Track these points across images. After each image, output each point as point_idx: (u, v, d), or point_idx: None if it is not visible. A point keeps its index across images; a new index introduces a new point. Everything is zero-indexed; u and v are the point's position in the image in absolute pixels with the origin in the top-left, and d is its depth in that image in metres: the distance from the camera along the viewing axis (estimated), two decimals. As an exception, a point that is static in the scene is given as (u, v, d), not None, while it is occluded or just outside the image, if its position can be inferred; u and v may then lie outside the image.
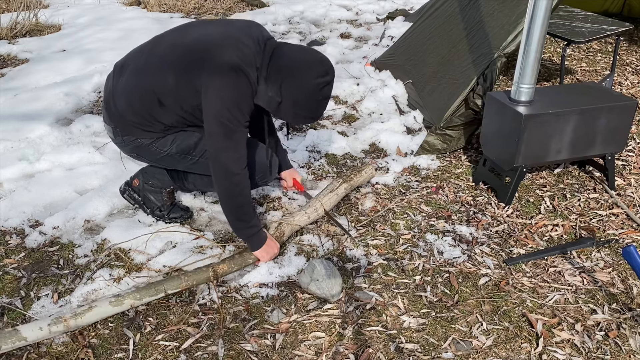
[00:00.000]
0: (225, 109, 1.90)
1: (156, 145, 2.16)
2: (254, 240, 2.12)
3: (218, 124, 1.92)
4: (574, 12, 3.79)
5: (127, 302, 1.92)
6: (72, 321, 1.82)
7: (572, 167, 2.85)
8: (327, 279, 2.01)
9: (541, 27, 2.26)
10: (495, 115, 2.55)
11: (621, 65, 4.15)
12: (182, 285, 2.00)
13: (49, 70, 4.05)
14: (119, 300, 1.91)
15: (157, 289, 1.97)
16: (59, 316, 1.82)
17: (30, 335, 1.77)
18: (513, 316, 1.95)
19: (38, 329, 1.78)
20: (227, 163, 1.97)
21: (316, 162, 2.91)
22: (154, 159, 2.25)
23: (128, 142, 2.17)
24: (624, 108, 2.51)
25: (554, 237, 2.36)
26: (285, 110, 2.01)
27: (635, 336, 1.86)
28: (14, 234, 2.35)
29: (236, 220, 2.10)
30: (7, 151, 2.94)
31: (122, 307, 1.91)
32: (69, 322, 1.82)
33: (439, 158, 2.95)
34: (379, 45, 4.53)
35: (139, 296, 1.94)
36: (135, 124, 2.10)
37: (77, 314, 1.84)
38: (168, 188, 2.39)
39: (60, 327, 1.80)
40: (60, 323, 1.80)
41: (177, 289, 2.00)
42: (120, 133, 2.15)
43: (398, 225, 2.43)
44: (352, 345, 1.83)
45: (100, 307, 1.88)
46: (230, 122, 1.91)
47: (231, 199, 2.05)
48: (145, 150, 2.18)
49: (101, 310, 1.88)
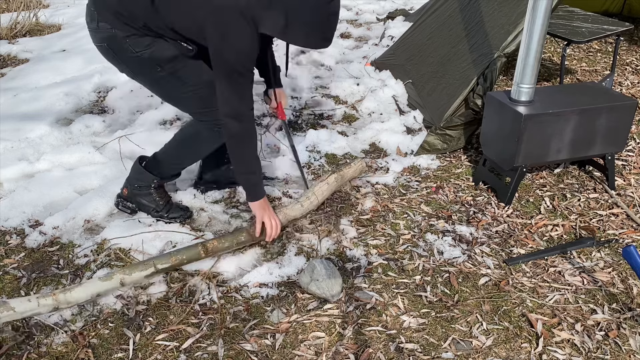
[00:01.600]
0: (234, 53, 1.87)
1: (129, 43, 2.02)
2: (251, 188, 2.14)
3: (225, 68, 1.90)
4: (574, 12, 3.79)
5: (117, 277, 1.94)
6: (61, 295, 1.83)
7: (572, 167, 2.85)
8: (327, 279, 2.01)
9: (541, 27, 2.26)
10: (495, 115, 2.55)
11: (621, 65, 4.15)
12: (172, 260, 2.03)
13: (49, 70, 4.05)
14: (109, 276, 1.93)
15: (146, 264, 1.99)
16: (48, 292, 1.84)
17: (18, 306, 1.79)
18: (513, 316, 1.95)
19: (27, 301, 1.80)
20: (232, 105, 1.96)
21: (316, 162, 2.91)
22: (122, 60, 2.11)
23: (102, 30, 2.04)
24: (624, 108, 2.51)
25: (554, 237, 2.36)
26: (293, 34, 1.88)
27: (635, 336, 1.86)
28: (14, 234, 2.35)
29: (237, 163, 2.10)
30: (7, 151, 2.94)
31: (111, 282, 1.93)
32: (58, 296, 1.83)
33: (439, 158, 2.95)
34: (379, 45, 4.53)
35: (129, 271, 1.96)
36: (116, 13, 1.99)
37: (66, 288, 1.86)
38: (153, 184, 2.35)
39: (49, 300, 1.82)
40: (49, 297, 1.82)
41: (166, 264, 2.02)
42: (97, 18, 2.03)
43: (398, 225, 2.43)
44: (352, 345, 1.83)
45: (90, 282, 1.90)
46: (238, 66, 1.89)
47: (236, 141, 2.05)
48: (116, 44, 2.04)
49: (90, 286, 1.89)
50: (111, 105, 3.53)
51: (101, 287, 1.92)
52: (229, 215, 2.48)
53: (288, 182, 2.74)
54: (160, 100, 3.54)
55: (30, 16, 5.12)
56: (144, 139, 3.01)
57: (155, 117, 3.32)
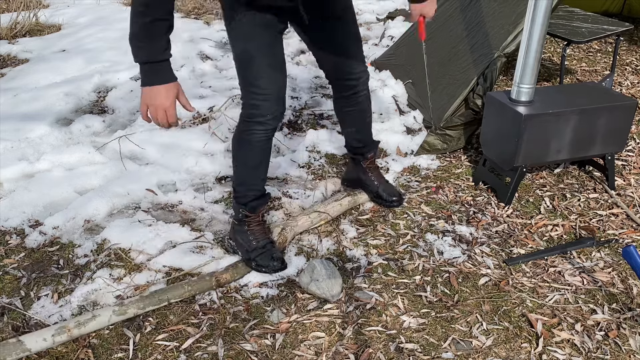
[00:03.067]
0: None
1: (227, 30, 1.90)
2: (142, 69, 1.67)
3: None
4: (574, 12, 3.78)
5: (131, 311, 1.92)
6: (75, 330, 1.83)
7: (572, 167, 2.85)
8: (327, 279, 2.01)
9: (541, 27, 2.26)
10: (495, 115, 2.55)
11: (621, 65, 4.15)
12: (185, 294, 2.01)
13: (49, 70, 4.05)
14: (122, 309, 1.91)
15: (161, 299, 1.98)
16: (62, 326, 1.82)
17: (34, 346, 1.78)
18: (513, 316, 1.95)
19: (42, 340, 1.79)
20: None
21: (316, 162, 2.91)
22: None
23: (225, 27, 1.92)
24: (624, 108, 2.51)
25: (554, 237, 2.36)
26: None
27: (635, 336, 1.86)
28: (14, 234, 2.35)
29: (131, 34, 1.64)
30: (7, 151, 2.94)
31: (125, 315, 1.92)
32: (73, 331, 1.83)
33: (439, 158, 2.95)
34: (379, 45, 4.53)
35: (142, 305, 1.94)
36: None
37: (80, 323, 1.84)
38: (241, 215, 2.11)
39: (63, 337, 1.81)
40: (64, 333, 1.81)
41: (179, 298, 2.01)
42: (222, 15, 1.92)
43: (398, 225, 2.43)
44: (352, 345, 1.83)
45: (104, 316, 1.89)
46: None
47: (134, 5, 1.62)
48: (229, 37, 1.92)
49: (104, 320, 1.89)
50: (111, 105, 3.53)
51: (115, 320, 1.90)
52: (229, 215, 2.48)
53: (288, 182, 2.74)
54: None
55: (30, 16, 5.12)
56: (144, 139, 3.01)
57: (155, 117, 3.31)
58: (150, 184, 2.64)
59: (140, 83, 1.70)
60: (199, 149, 2.96)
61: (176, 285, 2.02)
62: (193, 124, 3.26)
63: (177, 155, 2.88)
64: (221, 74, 4.03)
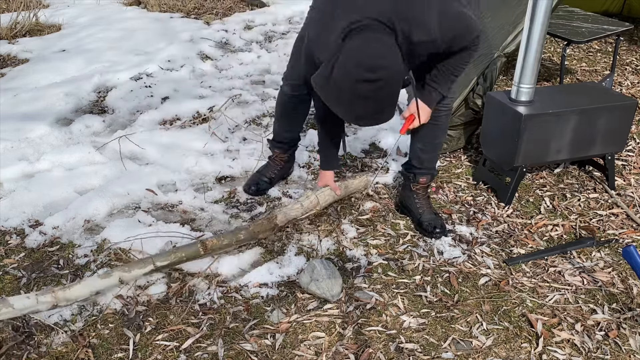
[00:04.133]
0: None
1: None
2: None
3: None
4: (574, 12, 3.78)
5: (116, 274, 1.94)
6: (60, 293, 1.84)
7: (572, 167, 2.85)
8: (327, 279, 2.01)
9: (541, 27, 2.26)
10: (495, 115, 2.55)
11: (621, 65, 4.15)
12: (171, 258, 2.02)
13: (49, 70, 4.05)
14: (107, 273, 1.93)
15: (145, 262, 1.99)
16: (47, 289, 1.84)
17: (17, 303, 1.79)
18: (513, 316, 1.95)
19: (26, 298, 1.81)
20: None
21: (316, 162, 2.91)
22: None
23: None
24: (624, 108, 2.51)
25: (554, 237, 2.36)
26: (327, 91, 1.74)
27: (635, 336, 1.86)
28: (14, 234, 2.35)
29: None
30: (7, 151, 2.94)
31: (110, 279, 1.92)
32: (57, 293, 1.83)
33: (439, 158, 2.95)
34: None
35: (128, 269, 1.96)
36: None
37: (65, 286, 1.86)
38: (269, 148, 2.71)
39: (48, 297, 1.82)
40: (48, 294, 1.82)
41: (165, 262, 2.01)
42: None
43: (398, 225, 2.43)
44: (352, 345, 1.83)
45: (89, 280, 1.91)
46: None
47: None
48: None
49: (90, 284, 1.90)
50: (111, 105, 3.53)
51: (100, 285, 1.92)
52: (229, 215, 2.48)
53: (288, 182, 2.74)
54: (160, 100, 3.55)
55: (30, 16, 5.12)
56: (144, 139, 3.01)
57: (155, 117, 3.32)
58: (150, 184, 2.64)
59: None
60: (199, 149, 2.96)
61: (164, 252, 2.05)
62: (193, 124, 3.26)
63: (177, 155, 2.88)
64: (221, 74, 4.03)
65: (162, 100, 3.55)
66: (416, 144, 2.38)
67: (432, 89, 2.06)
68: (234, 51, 4.48)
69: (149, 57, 4.25)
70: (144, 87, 3.72)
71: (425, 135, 2.32)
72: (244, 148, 2.99)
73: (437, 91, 2.06)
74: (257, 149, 2.92)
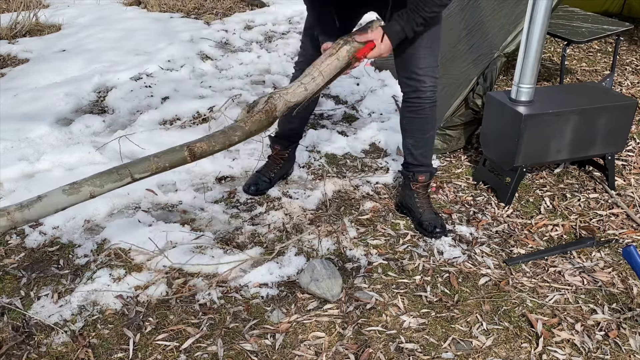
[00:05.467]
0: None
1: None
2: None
3: None
4: (574, 12, 3.79)
5: (85, 189, 1.59)
6: (17, 214, 1.53)
7: (572, 167, 2.85)
8: (327, 279, 2.01)
9: (541, 27, 2.26)
10: (495, 115, 2.55)
11: (621, 65, 4.15)
12: (152, 167, 1.65)
13: (49, 70, 4.05)
14: (75, 188, 1.58)
15: (121, 174, 1.63)
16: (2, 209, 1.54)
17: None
18: (513, 316, 1.95)
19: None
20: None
21: (316, 162, 2.91)
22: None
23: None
24: (624, 108, 2.51)
25: (554, 237, 2.36)
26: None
27: (635, 336, 1.86)
28: (14, 234, 2.35)
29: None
30: (7, 151, 2.94)
31: (78, 195, 1.58)
32: (14, 214, 1.53)
33: (439, 158, 2.95)
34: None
35: (99, 182, 1.61)
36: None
37: (23, 205, 1.54)
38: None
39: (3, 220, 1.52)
40: (3, 216, 1.52)
41: (146, 173, 1.66)
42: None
43: (398, 225, 2.43)
44: (352, 345, 1.83)
45: (52, 196, 1.56)
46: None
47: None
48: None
49: (53, 201, 1.56)
50: (111, 105, 3.53)
51: (66, 202, 1.57)
52: (229, 215, 2.48)
53: (288, 182, 2.74)
54: (160, 100, 3.55)
55: (30, 16, 5.12)
56: (144, 139, 3.01)
57: (155, 117, 3.32)
58: (150, 184, 2.63)
59: None
60: (199, 149, 2.96)
61: (142, 159, 1.67)
62: (193, 124, 3.26)
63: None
64: (221, 74, 4.03)
65: (162, 100, 3.55)
66: (407, 140, 2.39)
67: (395, 22, 2.04)
68: (234, 51, 4.48)
69: (149, 57, 4.25)
70: (144, 87, 3.72)
71: (414, 130, 2.34)
72: (244, 148, 2.98)
73: (400, 26, 2.03)
74: (257, 149, 2.92)
